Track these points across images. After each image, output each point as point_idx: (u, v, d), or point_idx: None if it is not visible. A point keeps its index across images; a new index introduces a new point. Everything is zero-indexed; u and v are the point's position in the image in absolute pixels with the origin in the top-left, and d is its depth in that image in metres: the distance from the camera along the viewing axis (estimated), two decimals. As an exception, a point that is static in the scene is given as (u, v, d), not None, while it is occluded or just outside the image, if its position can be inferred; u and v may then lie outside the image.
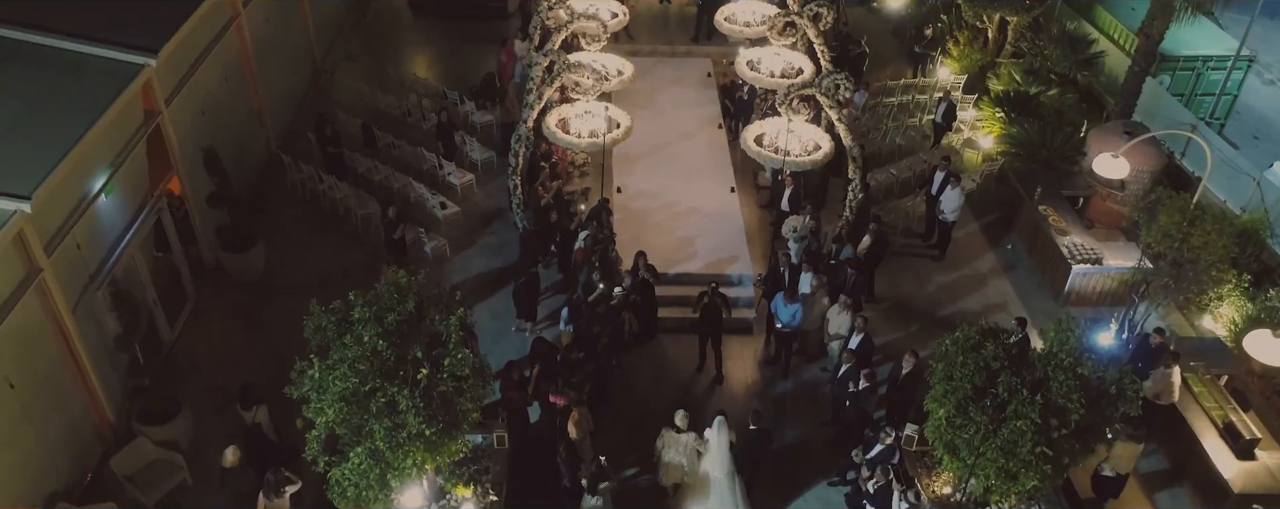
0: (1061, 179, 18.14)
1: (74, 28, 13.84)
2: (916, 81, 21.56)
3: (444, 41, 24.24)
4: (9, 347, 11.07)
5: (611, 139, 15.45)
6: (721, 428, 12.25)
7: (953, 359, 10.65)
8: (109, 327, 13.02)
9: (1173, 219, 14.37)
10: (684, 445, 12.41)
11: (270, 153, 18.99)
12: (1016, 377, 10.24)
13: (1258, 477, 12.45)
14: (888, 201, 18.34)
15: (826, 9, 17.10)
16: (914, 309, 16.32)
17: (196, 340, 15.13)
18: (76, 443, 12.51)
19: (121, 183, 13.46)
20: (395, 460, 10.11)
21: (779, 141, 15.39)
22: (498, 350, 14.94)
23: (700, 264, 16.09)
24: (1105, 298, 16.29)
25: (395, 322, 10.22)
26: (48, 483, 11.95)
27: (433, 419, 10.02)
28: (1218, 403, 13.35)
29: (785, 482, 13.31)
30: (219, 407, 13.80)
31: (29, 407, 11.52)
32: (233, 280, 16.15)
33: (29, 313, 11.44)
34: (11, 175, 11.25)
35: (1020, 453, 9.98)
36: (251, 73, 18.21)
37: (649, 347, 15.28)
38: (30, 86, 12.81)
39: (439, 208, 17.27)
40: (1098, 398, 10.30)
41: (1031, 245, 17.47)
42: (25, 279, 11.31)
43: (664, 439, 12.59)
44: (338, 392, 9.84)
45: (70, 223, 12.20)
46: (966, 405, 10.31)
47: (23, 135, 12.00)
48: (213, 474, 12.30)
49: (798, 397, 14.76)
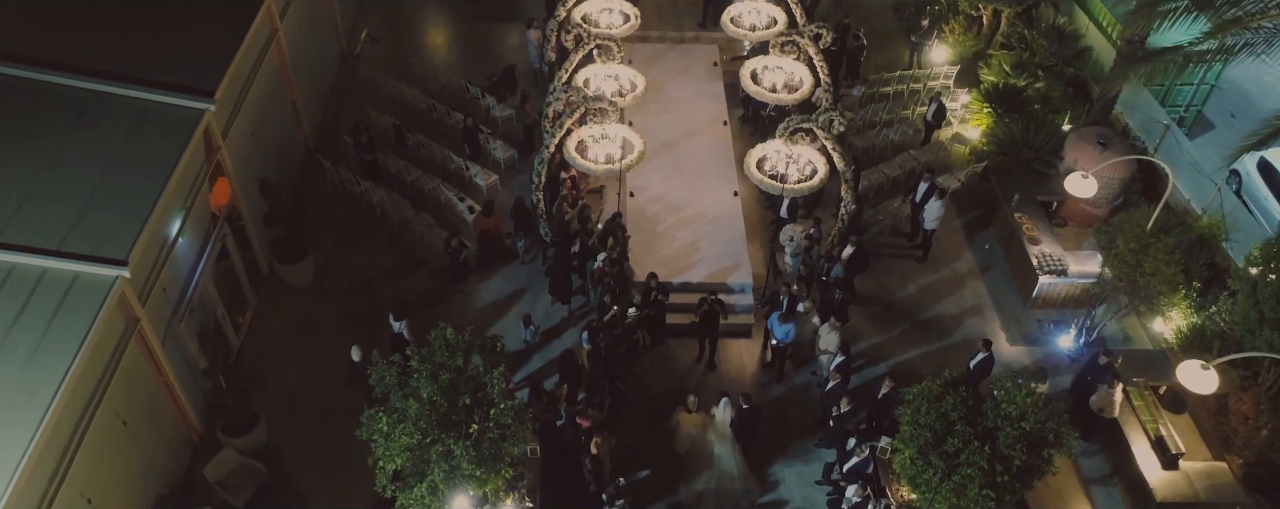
0: (1039, 182, 19.68)
1: (134, 70, 15.27)
2: (912, 72, 22.76)
3: (459, 19, 25.29)
4: (119, 387, 13.02)
5: (626, 165, 16.98)
6: (725, 407, 14.99)
7: (918, 407, 12.63)
8: (192, 351, 14.97)
9: (1129, 245, 16.11)
10: (694, 422, 15.24)
11: (308, 150, 20.53)
12: (970, 427, 12.23)
13: (1179, 486, 14.60)
14: (878, 201, 19.96)
15: (826, 30, 18.31)
16: (897, 312, 18.19)
17: (260, 346, 17.10)
18: (172, 453, 14.68)
19: (191, 220, 15.15)
20: (450, 494, 12.25)
21: (779, 167, 16.88)
22: (524, 353, 17.05)
23: (705, 273, 17.88)
24: (1069, 303, 18.12)
25: (447, 380, 12.19)
26: (152, 489, 14.16)
27: (482, 462, 12.11)
28: (1152, 417, 15.37)
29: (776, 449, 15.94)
30: (285, 412, 15.92)
31: (135, 431, 13.59)
32: (287, 286, 18.01)
33: (131, 355, 13.35)
34: (107, 239, 12.99)
35: (969, 493, 12.07)
36: (288, 77, 19.54)
37: (659, 351, 17.24)
38: (106, 142, 14.34)
39: (468, 212, 18.94)
40: (1038, 444, 12.32)
41: (1007, 247, 19.19)
42: (127, 330, 13.19)
43: (678, 417, 15.46)
44: (403, 445, 11.91)
45: (156, 270, 13.97)
46: (927, 450, 12.34)
47: (108, 195, 13.62)
48: (290, 476, 14.59)
49: (790, 396, 16.83)
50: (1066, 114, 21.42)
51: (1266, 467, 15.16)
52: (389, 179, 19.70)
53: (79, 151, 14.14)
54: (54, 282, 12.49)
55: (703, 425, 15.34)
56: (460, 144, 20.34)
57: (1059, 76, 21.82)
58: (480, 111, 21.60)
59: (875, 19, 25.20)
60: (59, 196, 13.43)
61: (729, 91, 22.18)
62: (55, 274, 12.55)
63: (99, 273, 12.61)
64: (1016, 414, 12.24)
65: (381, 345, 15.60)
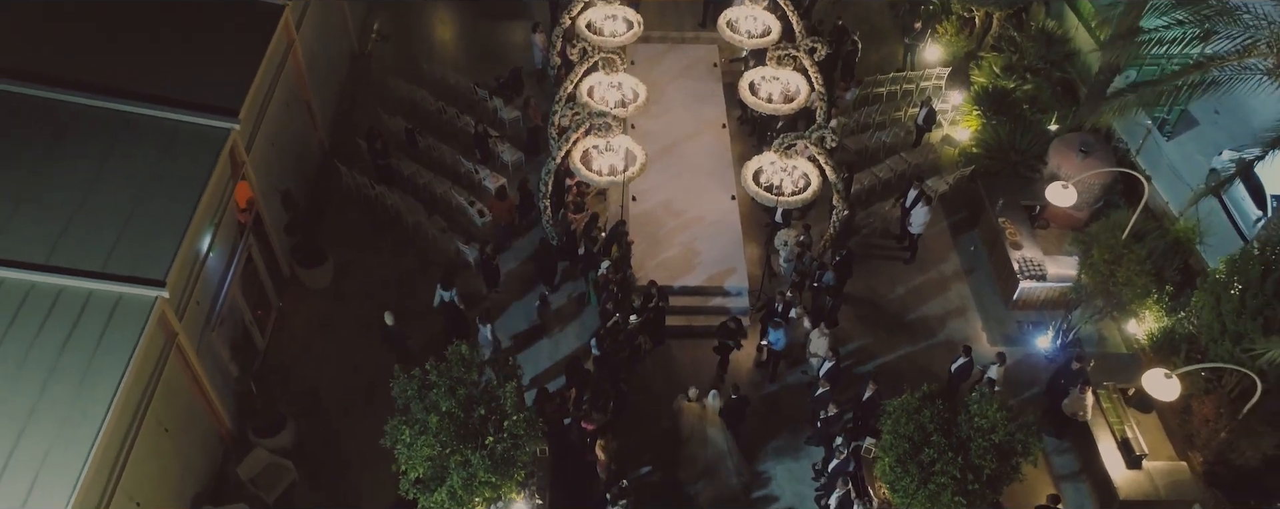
0: (1023, 186, 20.58)
1: (161, 90, 16.12)
2: (905, 73, 23.53)
3: (466, 17, 25.99)
4: (161, 398, 14.09)
5: (627, 177, 17.88)
6: (715, 397, 16.54)
7: (898, 418, 13.72)
8: (224, 358, 16.04)
9: (1103, 255, 17.07)
10: (694, 410, 16.73)
11: (324, 152, 21.41)
12: (945, 438, 13.32)
13: (1141, 485, 15.75)
14: (870, 203, 20.89)
15: (821, 44, 19.08)
16: (885, 313, 19.21)
17: (284, 346, 18.16)
18: (207, 452, 15.81)
19: (220, 234, 16.10)
20: (467, 499, 13.39)
21: (774, 179, 17.78)
22: (533, 352, 18.14)
23: (703, 276, 18.89)
24: (1047, 305, 19.14)
25: (464, 394, 13.27)
26: (190, 487, 15.31)
27: (496, 470, 13.23)
28: (1120, 418, 16.47)
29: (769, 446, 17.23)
30: (309, 410, 17.03)
31: (175, 435, 14.70)
32: (307, 287, 19.03)
33: (170, 366, 14.39)
34: (146, 261, 13.96)
35: (943, 499, 13.19)
36: (304, 83, 20.34)
37: (659, 352, 18.30)
38: (139, 164, 15.21)
39: (478, 216, 19.88)
40: (1007, 454, 13.41)
41: (991, 249, 20.15)
42: (166, 345, 14.23)
43: (679, 402, 16.90)
44: (425, 455, 13.02)
45: (190, 286, 14.96)
46: (905, 459, 13.45)
47: (144, 217, 14.54)
48: (316, 474, 15.77)
49: (783, 393, 17.93)
50: (1053, 114, 22.24)
51: (1225, 465, 16.29)
52: (402, 182, 20.60)
53: (115, 174, 15.02)
54: (100, 303, 13.48)
55: (700, 415, 16.67)
56: (470, 148, 21.21)
57: (1047, 78, 22.59)
58: (488, 114, 22.42)
59: (873, 17, 25.90)
60: (100, 219, 14.35)
61: (728, 91, 22.97)
62: (101, 296, 13.55)
63: (140, 293, 13.61)
64: (988, 426, 13.32)
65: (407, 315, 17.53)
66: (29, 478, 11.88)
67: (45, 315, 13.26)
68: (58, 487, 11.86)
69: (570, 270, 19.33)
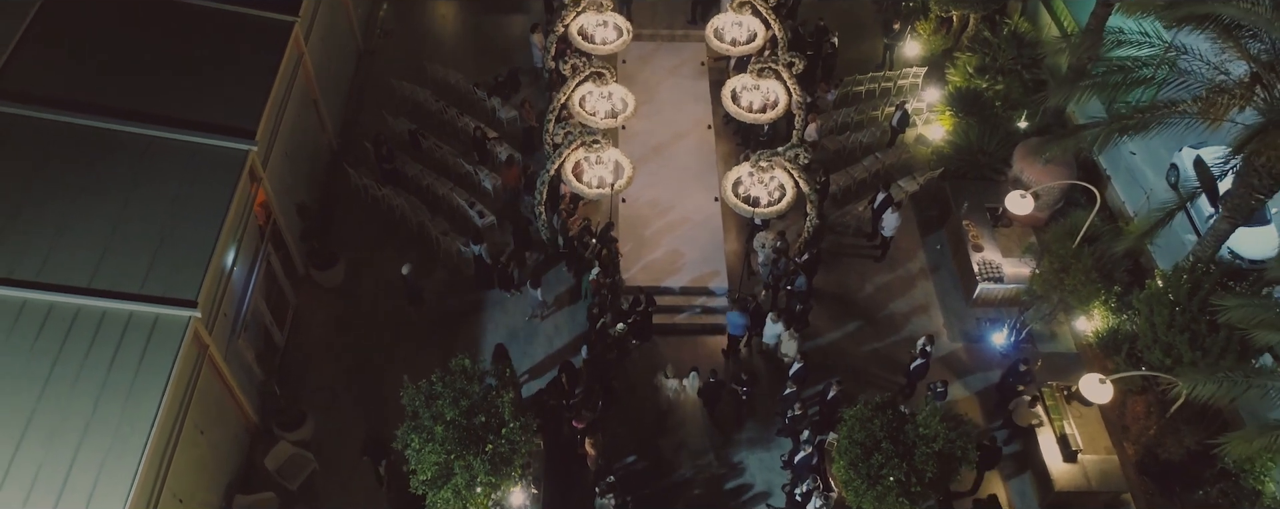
0: (988, 188, 21.94)
1: (181, 113, 17.55)
2: (884, 72, 24.69)
3: (467, 13, 27.04)
4: (197, 404, 15.78)
5: (617, 188, 19.30)
6: (694, 378, 18.47)
7: (852, 426, 15.42)
8: (249, 361, 17.72)
9: (1052, 265, 18.56)
10: (670, 387, 18.65)
11: (333, 153, 22.79)
12: (893, 444, 15.01)
13: (1075, 477, 17.50)
14: (845, 203, 22.30)
15: (799, 59, 20.30)
16: (854, 310, 20.78)
17: (301, 342, 19.82)
18: (236, 446, 17.59)
19: (242, 248, 17.61)
20: (470, 498, 15.18)
21: (752, 190, 19.20)
22: (529, 349, 19.80)
23: (687, 278, 20.44)
24: (1004, 302, 20.69)
25: (466, 404, 14.96)
26: (222, 479, 17.12)
27: (496, 471, 14.99)
28: (1061, 415, 18.16)
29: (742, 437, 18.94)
30: (326, 405, 18.78)
31: (209, 435, 16.44)
32: (322, 286, 20.62)
33: (203, 374, 16.07)
34: (178, 282, 15.52)
35: (888, 500, 14.95)
36: (314, 90, 21.61)
37: (645, 347, 19.93)
38: (165, 188, 16.67)
39: (478, 217, 21.35)
40: (949, 459, 15.13)
41: (955, 249, 21.62)
42: (199, 357, 15.87)
43: (659, 380, 18.75)
44: (432, 461, 14.76)
45: (218, 301, 16.53)
46: (858, 462, 15.17)
47: (173, 240, 16.05)
48: (334, 464, 17.61)
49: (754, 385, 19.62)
50: (1022, 112, 23.47)
51: (1154, 457, 18.04)
52: (407, 183, 22.02)
53: (144, 198, 16.47)
54: (140, 323, 15.08)
55: (677, 392, 18.72)
56: (470, 150, 22.56)
57: (1018, 78, 23.75)
58: (486, 114, 23.69)
59: (857, 10, 26.91)
60: (133, 244, 15.84)
61: (714, 90, 24.17)
62: (140, 317, 15.14)
63: (175, 313, 15.21)
64: (930, 435, 15.01)
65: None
66: (89, 484, 13.64)
67: (93, 336, 14.89)
68: (114, 491, 13.62)
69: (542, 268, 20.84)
